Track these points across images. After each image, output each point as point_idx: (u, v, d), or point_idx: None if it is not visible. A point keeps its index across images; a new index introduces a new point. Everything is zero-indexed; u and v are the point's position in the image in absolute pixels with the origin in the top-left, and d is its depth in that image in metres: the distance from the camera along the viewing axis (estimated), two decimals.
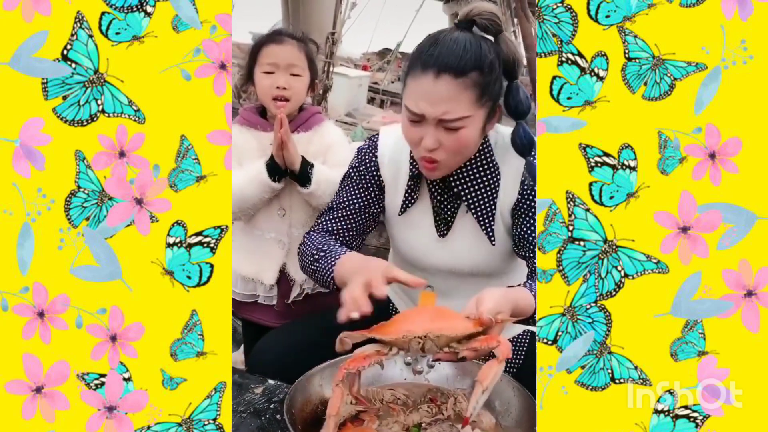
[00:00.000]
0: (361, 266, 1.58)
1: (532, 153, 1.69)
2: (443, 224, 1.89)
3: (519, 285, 1.59)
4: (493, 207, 1.80)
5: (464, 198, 1.81)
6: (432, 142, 1.63)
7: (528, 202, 1.77)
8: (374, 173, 1.93)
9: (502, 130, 1.84)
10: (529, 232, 1.76)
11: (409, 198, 1.89)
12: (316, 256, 1.75)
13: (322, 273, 1.71)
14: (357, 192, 1.94)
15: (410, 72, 1.65)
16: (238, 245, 2.29)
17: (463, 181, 1.79)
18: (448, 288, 1.84)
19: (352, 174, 1.96)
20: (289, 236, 2.24)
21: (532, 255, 1.74)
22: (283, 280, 2.26)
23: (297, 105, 2.26)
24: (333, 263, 1.68)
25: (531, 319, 1.51)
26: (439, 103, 1.59)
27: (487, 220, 1.81)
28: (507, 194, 1.80)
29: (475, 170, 1.79)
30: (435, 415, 1.46)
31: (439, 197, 1.87)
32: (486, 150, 1.79)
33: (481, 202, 1.80)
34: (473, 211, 1.81)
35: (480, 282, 1.84)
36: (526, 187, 1.77)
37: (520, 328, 1.96)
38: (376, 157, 1.94)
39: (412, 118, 1.65)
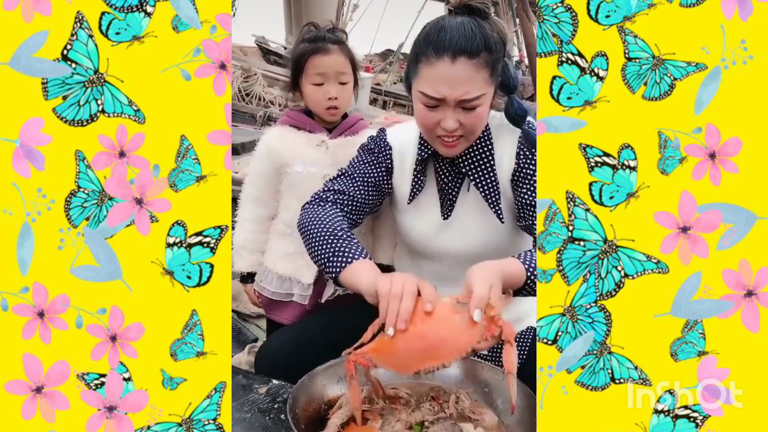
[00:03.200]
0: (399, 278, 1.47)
1: (527, 123, 1.81)
2: (447, 205, 1.93)
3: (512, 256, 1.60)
4: (496, 182, 1.86)
5: (470, 176, 1.86)
6: (452, 123, 1.70)
7: (524, 170, 1.83)
8: (387, 154, 1.98)
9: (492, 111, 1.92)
10: (527, 197, 1.81)
11: (418, 184, 1.93)
12: (336, 235, 1.69)
13: (327, 262, 1.65)
14: (370, 166, 1.97)
15: (422, 58, 1.71)
16: (275, 247, 2.31)
17: (468, 159, 1.86)
18: (454, 275, 1.87)
19: (367, 152, 2.00)
20: None
21: (532, 222, 1.79)
22: (320, 279, 2.26)
23: (345, 110, 2.32)
24: (343, 263, 1.62)
25: (524, 290, 1.53)
26: (459, 85, 1.66)
27: (492, 196, 1.86)
28: (504, 168, 1.86)
29: (477, 148, 1.85)
30: (437, 413, 1.46)
31: (445, 178, 1.92)
32: (486, 128, 1.86)
33: (484, 177, 1.86)
34: (479, 187, 1.86)
35: None
36: (521, 158, 1.84)
37: (523, 325, 1.97)
38: (387, 141, 1.99)
39: (430, 102, 1.71)
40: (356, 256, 1.62)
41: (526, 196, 1.81)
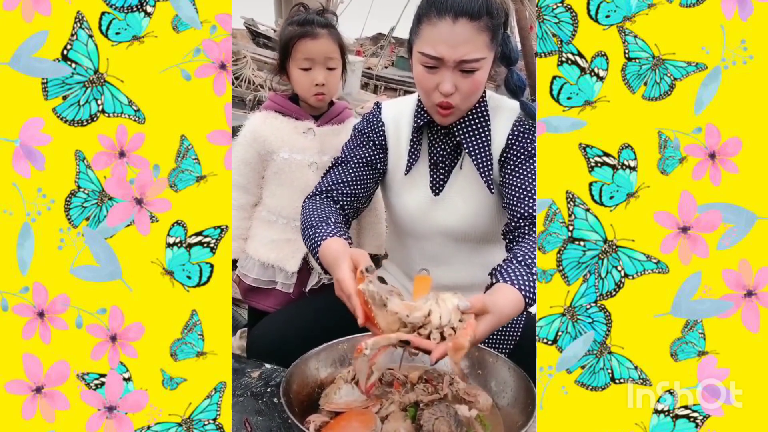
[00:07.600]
0: (341, 255, 1.56)
1: (525, 95, 1.87)
2: (439, 182, 1.98)
3: (498, 279, 1.53)
4: (489, 153, 1.90)
5: (464, 144, 1.90)
6: (450, 86, 1.75)
7: (512, 151, 1.87)
8: (380, 132, 2.04)
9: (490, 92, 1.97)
10: (507, 178, 1.85)
11: (414, 154, 1.98)
12: (313, 224, 1.78)
13: (312, 245, 1.74)
14: (363, 147, 2.03)
15: (424, 19, 1.75)
16: (258, 234, 2.34)
17: (463, 127, 1.90)
18: (443, 254, 1.93)
19: (359, 134, 2.06)
20: None
21: (510, 202, 1.81)
22: (304, 268, 2.31)
23: (332, 96, 2.35)
24: (319, 242, 1.70)
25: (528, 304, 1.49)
26: (459, 46, 1.70)
27: (484, 165, 1.90)
28: (496, 144, 1.91)
29: (473, 117, 1.90)
30: (431, 393, 1.50)
31: (440, 150, 1.97)
32: (483, 101, 1.92)
33: (478, 146, 1.90)
34: (472, 155, 1.90)
35: (474, 248, 1.94)
36: (510, 139, 1.88)
37: None
38: (381, 118, 2.05)
39: (430, 63, 1.75)
40: (323, 239, 1.69)
41: (509, 178, 1.84)
